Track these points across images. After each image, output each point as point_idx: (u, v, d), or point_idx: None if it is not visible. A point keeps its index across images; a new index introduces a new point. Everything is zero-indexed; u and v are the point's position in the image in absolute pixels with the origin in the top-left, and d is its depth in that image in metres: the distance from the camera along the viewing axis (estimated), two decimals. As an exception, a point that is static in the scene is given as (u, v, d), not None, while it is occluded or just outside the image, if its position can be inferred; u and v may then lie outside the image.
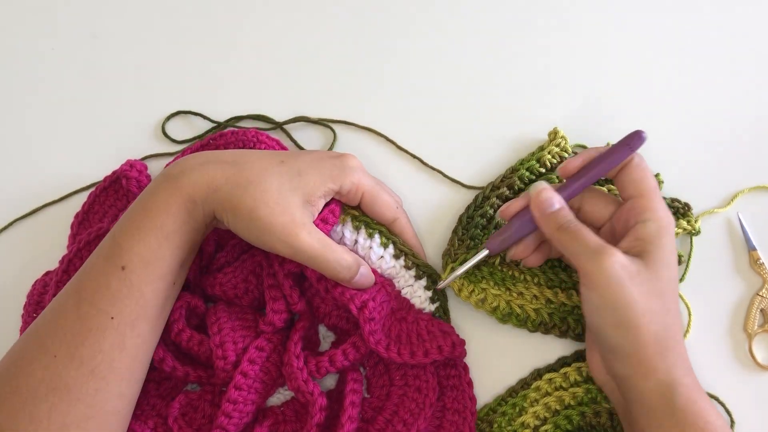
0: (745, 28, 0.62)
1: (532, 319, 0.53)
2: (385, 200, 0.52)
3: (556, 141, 0.57)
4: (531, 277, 0.54)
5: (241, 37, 0.63)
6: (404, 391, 0.50)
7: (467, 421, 0.50)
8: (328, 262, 0.47)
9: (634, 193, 0.48)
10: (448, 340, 0.49)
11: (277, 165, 0.49)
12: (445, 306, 0.54)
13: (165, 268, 0.46)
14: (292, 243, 0.46)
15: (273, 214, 0.46)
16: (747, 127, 0.59)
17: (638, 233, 0.46)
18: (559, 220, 0.47)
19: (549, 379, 0.52)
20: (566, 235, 0.47)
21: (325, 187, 0.49)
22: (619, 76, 0.61)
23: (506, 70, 0.61)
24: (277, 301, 0.50)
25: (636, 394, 0.46)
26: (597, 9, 0.63)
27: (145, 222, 0.46)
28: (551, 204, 0.48)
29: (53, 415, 0.43)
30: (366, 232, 0.52)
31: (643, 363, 0.45)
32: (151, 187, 0.48)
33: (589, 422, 0.51)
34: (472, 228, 0.54)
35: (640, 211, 0.47)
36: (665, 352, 0.45)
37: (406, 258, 0.53)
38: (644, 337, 0.45)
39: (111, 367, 0.44)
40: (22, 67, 0.63)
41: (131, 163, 0.56)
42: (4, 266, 0.58)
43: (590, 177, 0.49)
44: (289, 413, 0.50)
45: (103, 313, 0.44)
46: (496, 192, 0.55)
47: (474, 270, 0.53)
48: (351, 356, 0.49)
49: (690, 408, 0.44)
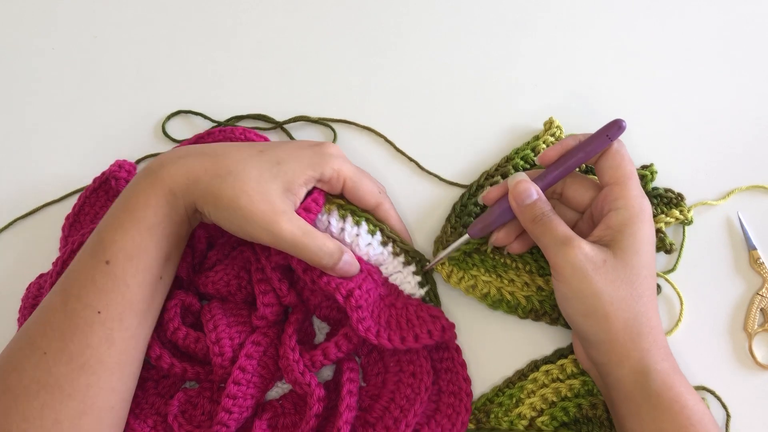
0: (744, 23, 0.62)
1: (522, 306, 0.53)
2: (367, 186, 0.52)
3: (551, 130, 0.57)
4: (522, 264, 0.54)
5: (241, 37, 0.63)
6: (399, 377, 0.51)
7: (463, 402, 0.51)
8: (309, 249, 0.47)
9: (610, 180, 0.49)
10: (438, 324, 0.50)
11: (257, 155, 0.49)
12: (434, 291, 0.54)
13: (149, 260, 0.46)
14: (272, 230, 0.46)
15: (253, 202, 0.46)
16: (747, 126, 0.59)
17: (609, 221, 0.47)
18: (534, 212, 0.48)
19: (546, 371, 0.52)
20: (538, 227, 0.48)
21: (306, 174, 0.49)
22: (616, 69, 0.61)
23: (505, 67, 0.62)
24: (267, 294, 0.51)
25: (613, 380, 0.47)
26: (595, 1, 0.63)
27: (127, 216, 0.46)
28: (528, 195, 0.48)
29: (45, 411, 0.43)
30: (353, 220, 0.52)
31: (616, 350, 0.46)
32: (132, 183, 0.48)
33: (585, 414, 0.51)
34: (465, 216, 0.55)
35: (613, 198, 0.48)
36: (637, 338, 0.46)
37: (394, 244, 0.53)
38: (613, 324, 0.46)
39: (101, 362, 0.44)
40: (22, 67, 0.63)
41: (120, 163, 0.56)
42: (3, 265, 0.58)
43: (568, 166, 0.50)
44: (288, 406, 0.51)
45: (89, 307, 0.45)
46: (491, 180, 0.56)
47: (465, 257, 0.54)
48: (344, 347, 0.50)
49: (665, 393, 0.45)
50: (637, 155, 0.55)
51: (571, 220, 0.53)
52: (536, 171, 0.53)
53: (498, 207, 0.50)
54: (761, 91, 0.60)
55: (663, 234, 0.54)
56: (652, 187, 0.56)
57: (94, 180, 0.57)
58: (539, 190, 0.49)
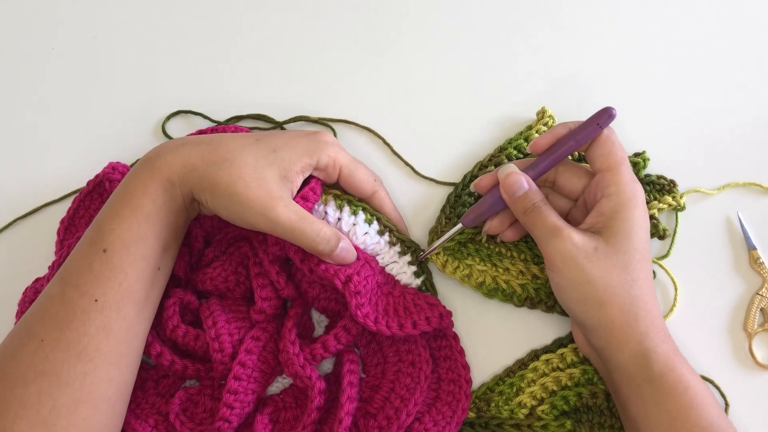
0: (739, 12, 0.63)
1: (518, 294, 0.54)
2: (363, 174, 0.53)
3: (543, 120, 0.57)
4: (517, 253, 0.55)
5: (241, 37, 0.64)
6: (398, 367, 0.51)
7: (463, 388, 0.51)
8: (305, 234, 0.47)
9: (601, 166, 0.49)
10: (435, 312, 0.50)
11: (253, 143, 0.49)
12: (430, 281, 0.54)
13: (147, 249, 0.46)
14: (269, 216, 0.46)
15: (249, 188, 0.46)
16: (743, 119, 0.60)
17: (601, 208, 0.48)
18: (525, 203, 0.48)
19: (546, 360, 0.53)
20: (530, 218, 0.48)
21: (302, 162, 0.49)
22: (609, 58, 0.62)
23: (500, 60, 0.62)
24: (265, 288, 0.51)
25: (614, 365, 0.47)
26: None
27: (125, 205, 0.47)
28: (520, 186, 0.49)
29: (42, 398, 0.43)
30: (350, 210, 0.53)
31: (614, 335, 0.46)
32: (130, 173, 0.49)
33: (585, 403, 0.51)
34: (459, 206, 0.55)
35: (605, 185, 0.48)
36: (634, 322, 0.46)
37: (391, 234, 0.54)
38: (609, 310, 0.46)
39: (98, 351, 0.44)
40: (21, 67, 0.64)
41: (113, 165, 0.56)
42: (3, 266, 0.58)
43: (559, 155, 0.50)
44: (289, 400, 0.51)
45: (87, 295, 0.45)
46: (484, 171, 0.56)
47: (459, 247, 0.54)
48: (343, 339, 0.50)
49: (668, 375, 0.45)
50: (629, 144, 0.56)
51: (565, 208, 0.53)
52: (528, 160, 0.53)
53: (490, 196, 0.51)
54: (756, 83, 0.61)
55: (656, 220, 0.54)
56: (644, 174, 0.56)
57: (88, 183, 0.57)
58: (530, 180, 0.49)
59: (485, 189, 0.52)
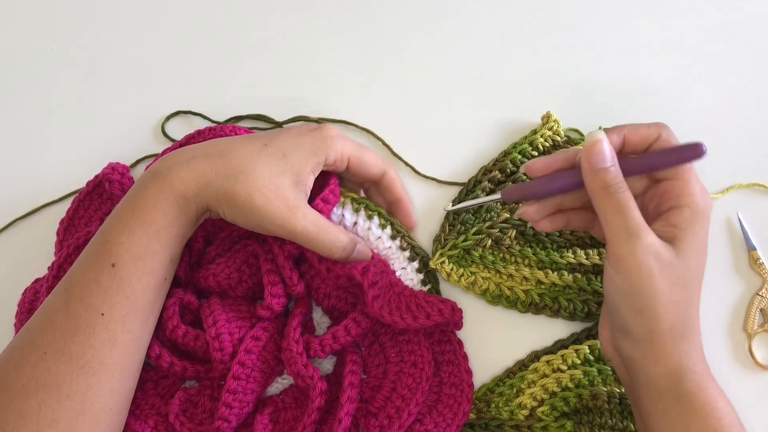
0: (741, 17, 0.63)
1: (522, 300, 0.54)
2: (371, 158, 0.53)
3: (548, 124, 0.57)
4: (521, 259, 0.55)
5: (241, 37, 0.64)
6: (400, 368, 0.51)
7: (464, 392, 0.51)
8: (322, 244, 0.48)
9: (669, 174, 0.46)
10: (448, 305, 0.50)
11: (262, 149, 0.49)
12: (437, 289, 0.55)
13: (155, 263, 0.46)
14: (287, 227, 0.47)
15: (268, 200, 0.47)
16: (747, 123, 0.60)
17: (672, 219, 0.45)
18: (608, 179, 0.44)
19: (547, 361, 0.53)
20: (610, 201, 0.44)
21: (311, 162, 0.49)
22: (613, 62, 0.62)
23: (503, 65, 0.62)
24: (276, 285, 0.51)
25: (643, 377, 0.46)
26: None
27: (135, 219, 0.46)
28: (604, 159, 0.44)
29: (43, 411, 0.43)
30: (365, 214, 0.54)
31: (655, 349, 0.44)
32: (138, 185, 0.48)
33: (585, 404, 0.51)
34: (463, 212, 0.55)
35: (676, 195, 0.45)
36: (678, 340, 0.44)
37: (402, 239, 0.54)
38: (661, 325, 0.44)
39: (102, 364, 0.44)
40: (21, 67, 0.63)
41: (112, 165, 0.56)
42: (3, 265, 0.58)
43: (646, 166, 0.46)
44: (289, 400, 0.51)
45: (92, 309, 0.44)
46: (488, 176, 0.56)
47: (464, 254, 0.54)
48: (353, 331, 0.50)
49: (699, 395, 0.44)
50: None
51: None
52: None
53: (541, 183, 0.47)
54: (756, 83, 0.61)
55: None
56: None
57: (88, 183, 0.57)
58: (615, 158, 0.45)
59: (538, 173, 0.48)
